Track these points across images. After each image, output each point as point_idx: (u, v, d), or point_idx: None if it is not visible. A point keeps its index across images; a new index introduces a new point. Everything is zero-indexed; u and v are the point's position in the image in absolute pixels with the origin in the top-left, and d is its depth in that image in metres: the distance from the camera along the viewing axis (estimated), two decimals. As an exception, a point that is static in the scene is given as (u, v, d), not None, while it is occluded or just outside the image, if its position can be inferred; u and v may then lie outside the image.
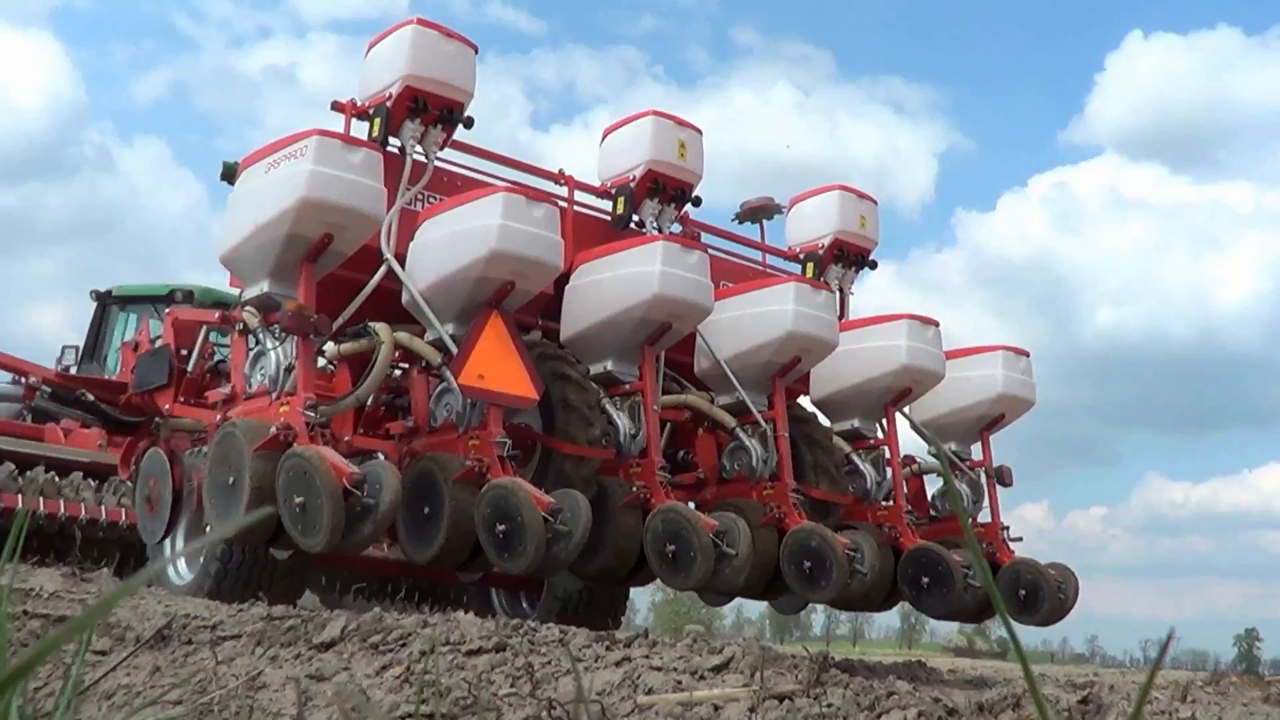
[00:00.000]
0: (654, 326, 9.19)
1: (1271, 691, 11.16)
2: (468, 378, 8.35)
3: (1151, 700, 7.71)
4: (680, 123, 10.42)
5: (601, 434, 9.02)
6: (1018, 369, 11.13)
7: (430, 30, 9.32)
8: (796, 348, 9.72)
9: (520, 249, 8.44)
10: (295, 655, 5.53)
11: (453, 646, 5.25)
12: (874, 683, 4.58)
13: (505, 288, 8.54)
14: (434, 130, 9.33)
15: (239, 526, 7.82)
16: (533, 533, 7.78)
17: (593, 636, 5.53)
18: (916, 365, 10.35)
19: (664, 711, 4.23)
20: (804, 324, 9.67)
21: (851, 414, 10.73)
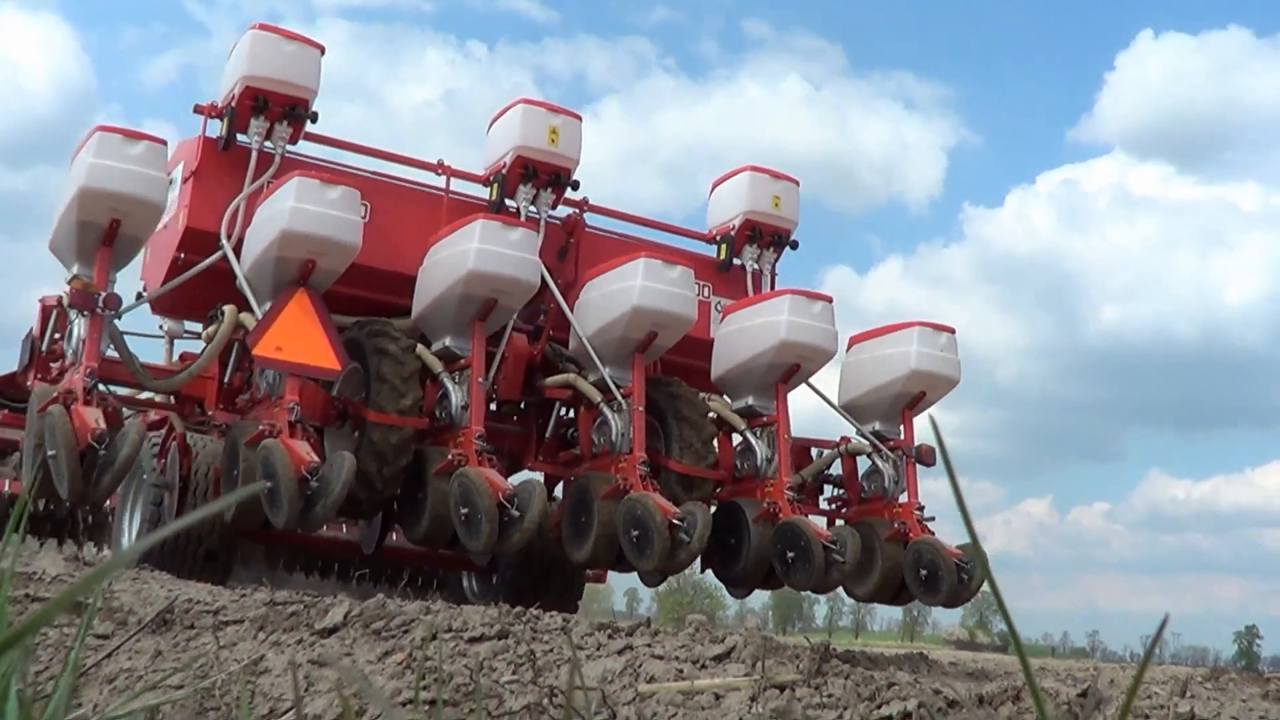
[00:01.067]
0: (477, 303, 9.58)
1: (1270, 688, 11.16)
2: (264, 348, 8.91)
3: (1150, 695, 7.72)
4: (553, 109, 10.73)
5: (415, 404, 9.40)
6: (935, 345, 11.12)
7: (270, 34, 9.95)
8: (649, 323, 9.97)
9: (314, 229, 9.07)
10: (297, 640, 5.54)
11: (455, 633, 5.26)
12: (875, 673, 4.59)
13: (306, 266, 9.13)
14: (280, 126, 9.99)
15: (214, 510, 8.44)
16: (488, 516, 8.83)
17: (595, 624, 5.54)
18: (799, 341, 10.51)
19: (665, 700, 4.24)
20: (654, 299, 9.89)
21: (745, 392, 10.86)
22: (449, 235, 9.79)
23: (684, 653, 4.77)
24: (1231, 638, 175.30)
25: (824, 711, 4.12)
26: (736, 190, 11.94)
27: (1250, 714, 7.33)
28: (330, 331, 9.18)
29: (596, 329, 10.17)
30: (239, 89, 10.00)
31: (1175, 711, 4.76)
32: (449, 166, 11.09)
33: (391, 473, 9.47)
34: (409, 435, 9.48)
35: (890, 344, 11.18)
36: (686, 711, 4.16)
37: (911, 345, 11.01)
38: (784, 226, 11.90)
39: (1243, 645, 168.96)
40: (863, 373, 11.25)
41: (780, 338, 10.42)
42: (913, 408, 11.13)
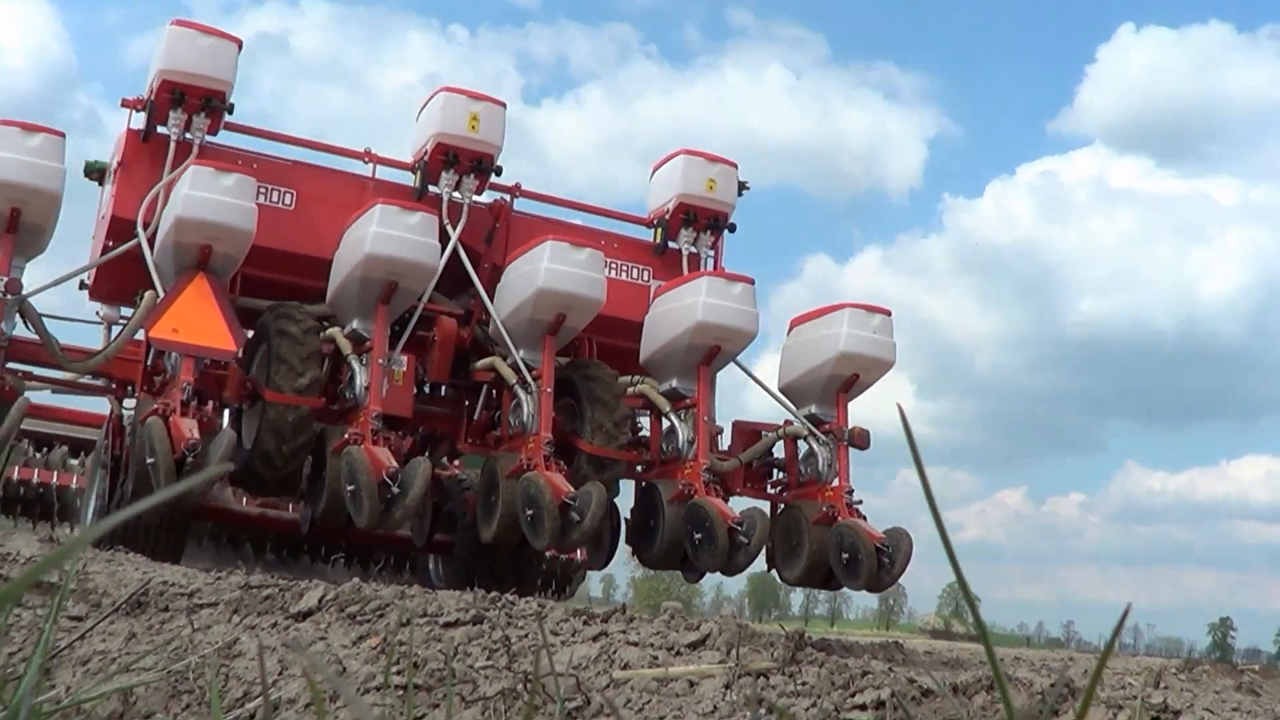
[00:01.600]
0: (377, 285, 9.85)
1: (1244, 680, 11.20)
2: (161, 330, 9.24)
3: (1124, 686, 7.73)
4: (475, 96, 10.84)
5: (313, 384, 9.68)
6: (867, 327, 11.09)
7: (187, 29, 10.31)
8: (557, 305, 10.11)
9: (207, 216, 9.41)
10: (272, 624, 5.53)
11: (430, 618, 5.26)
12: (849, 662, 4.59)
13: (204, 251, 9.43)
14: (198, 117, 10.29)
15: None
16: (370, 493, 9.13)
17: (570, 611, 5.55)
18: (716, 322, 10.58)
19: (639, 686, 4.23)
20: (560, 281, 10.04)
21: (669, 374, 10.94)
22: (354, 221, 10.06)
23: (659, 640, 4.77)
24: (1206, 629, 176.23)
25: (798, 700, 4.12)
26: (671, 174, 12.01)
27: (1223, 705, 7.36)
28: (228, 314, 9.44)
29: (509, 312, 10.34)
30: (157, 82, 10.33)
31: (1148, 702, 4.76)
32: (375, 154, 11.29)
33: (291, 450, 9.71)
34: (306, 414, 9.72)
35: (822, 326, 11.20)
36: (661, 698, 4.16)
37: (842, 327, 11.01)
38: (720, 209, 11.95)
39: (1217, 637, 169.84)
40: (798, 355, 11.31)
41: (697, 319, 10.51)
42: (847, 390, 11.13)
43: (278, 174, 10.80)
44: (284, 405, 9.61)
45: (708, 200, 11.87)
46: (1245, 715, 6.78)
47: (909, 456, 5.21)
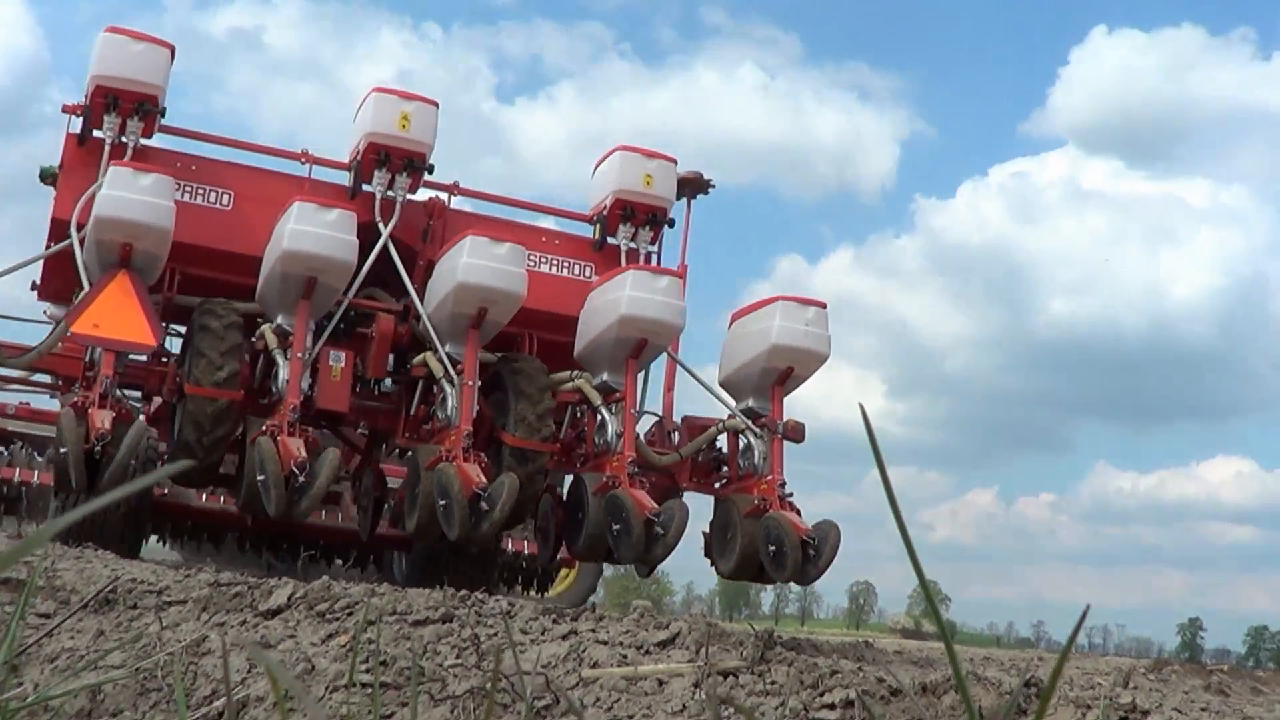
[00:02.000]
0: (296, 281, 10.02)
1: (1212, 680, 11.25)
2: (82, 326, 9.47)
3: (1093, 686, 7.75)
4: (407, 96, 11.03)
5: (230, 377, 9.90)
6: (800, 320, 11.08)
7: (118, 35, 10.54)
8: (476, 299, 10.20)
9: (124, 214, 9.65)
10: (241, 622, 5.52)
11: (399, 616, 5.26)
12: (818, 661, 4.60)
13: (124, 249, 9.68)
14: (132, 121, 10.51)
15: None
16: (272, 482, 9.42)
17: (540, 609, 5.54)
18: (641, 315, 10.55)
19: (609, 685, 4.24)
20: (478, 275, 10.13)
21: (600, 368, 10.94)
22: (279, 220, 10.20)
23: (628, 638, 4.77)
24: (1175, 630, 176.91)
25: (766, 699, 4.13)
26: (609, 170, 12.01)
27: (1192, 705, 7.37)
28: (148, 309, 9.68)
29: (434, 307, 10.48)
30: (91, 88, 10.52)
31: (1117, 702, 4.77)
32: (311, 155, 11.52)
33: (210, 441, 9.89)
34: (224, 406, 9.89)
35: (757, 320, 11.22)
36: (630, 697, 4.16)
37: (774, 320, 11.01)
38: (658, 205, 11.92)
39: (1186, 637, 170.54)
40: (735, 349, 11.36)
41: (621, 313, 10.53)
42: (782, 383, 11.14)
43: (214, 175, 11.02)
44: (202, 398, 9.82)
45: (644, 196, 11.85)
46: (1214, 715, 6.80)
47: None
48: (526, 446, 10.41)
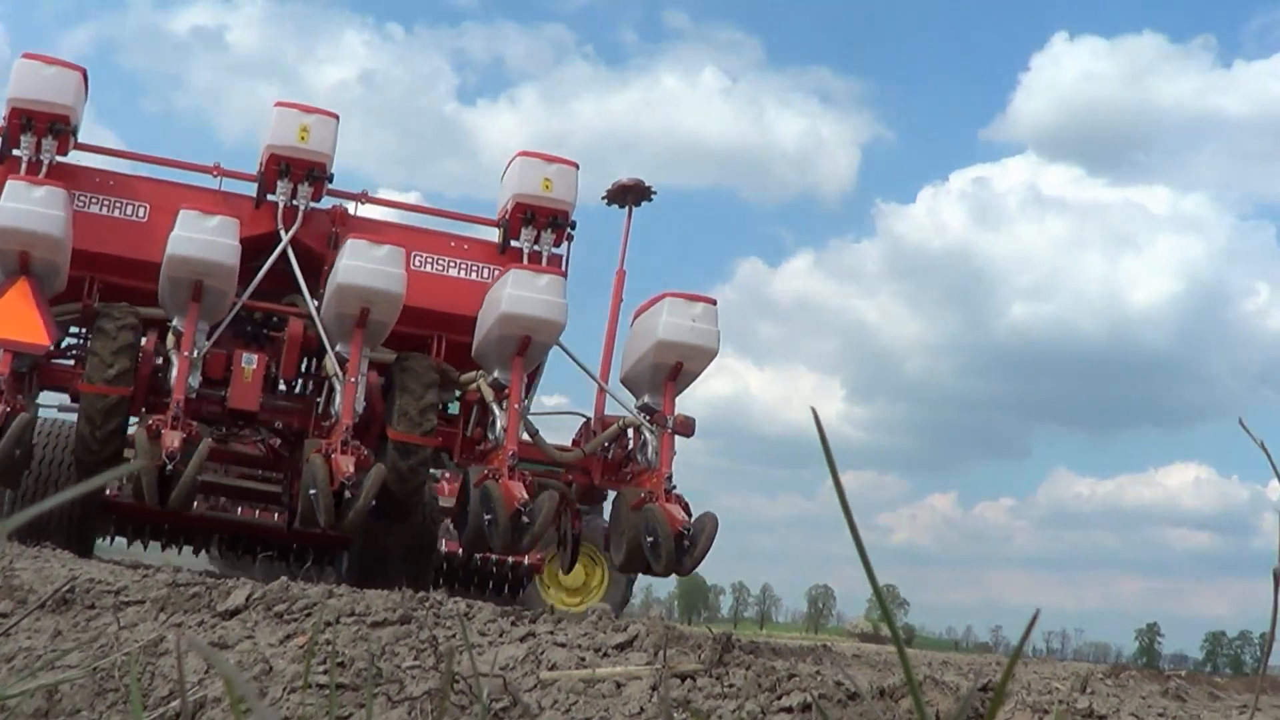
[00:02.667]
0: (183, 285, 10.65)
1: (1170, 685, 11.30)
2: None
3: (1051, 691, 7.78)
4: (307, 109, 11.71)
5: (120, 375, 10.48)
6: (687, 316, 11.41)
7: (32, 60, 11.32)
8: (357, 300, 10.69)
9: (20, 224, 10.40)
10: (199, 622, 5.51)
11: (357, 617, 5.25)
12: (776, 664, 4.61)
13: (22, 258, 10.42)
14: (47, 140, 11.22)
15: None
16: None
17: (498, 611, 5.55)
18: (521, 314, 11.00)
19: (566, 687, 4.24)
20: (357, 277, 10.66)
21: (491, 365, 11.39)
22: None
23: (586, 641, 4.77)
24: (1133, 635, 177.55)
25: (724, 701, 4.13)
26: (510, 176, 12.41)
27: (1149, 711, 7.40)
28: (45, 313, 10.45)
29: (325, 309, 11.07)
30: (8, 110, 11.25)
31: (1074, 707, 4.80)
32: (223, 168, 12.15)
33: (103, 435, 10.51)
34: (115, 402, 10.48)
35: (648, 317, 11.62)
36: (588, 699, 4.16)
37: (661, 317, 11.38)
38: (558, 208, 12.23)
39: (1144, 642, 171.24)
40: (631, 346, 11.84)
41: (501, 311, 10.93)
42: (674, 379, 11.45)
43: (130, 189, 11.74)
44: (94, 394, 10.43)
45: (544, 199, 12.17)
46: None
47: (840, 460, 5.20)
48: (407, 440, 10.85)
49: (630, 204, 14.17)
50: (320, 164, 11.62)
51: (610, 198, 14.37)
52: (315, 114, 11.59)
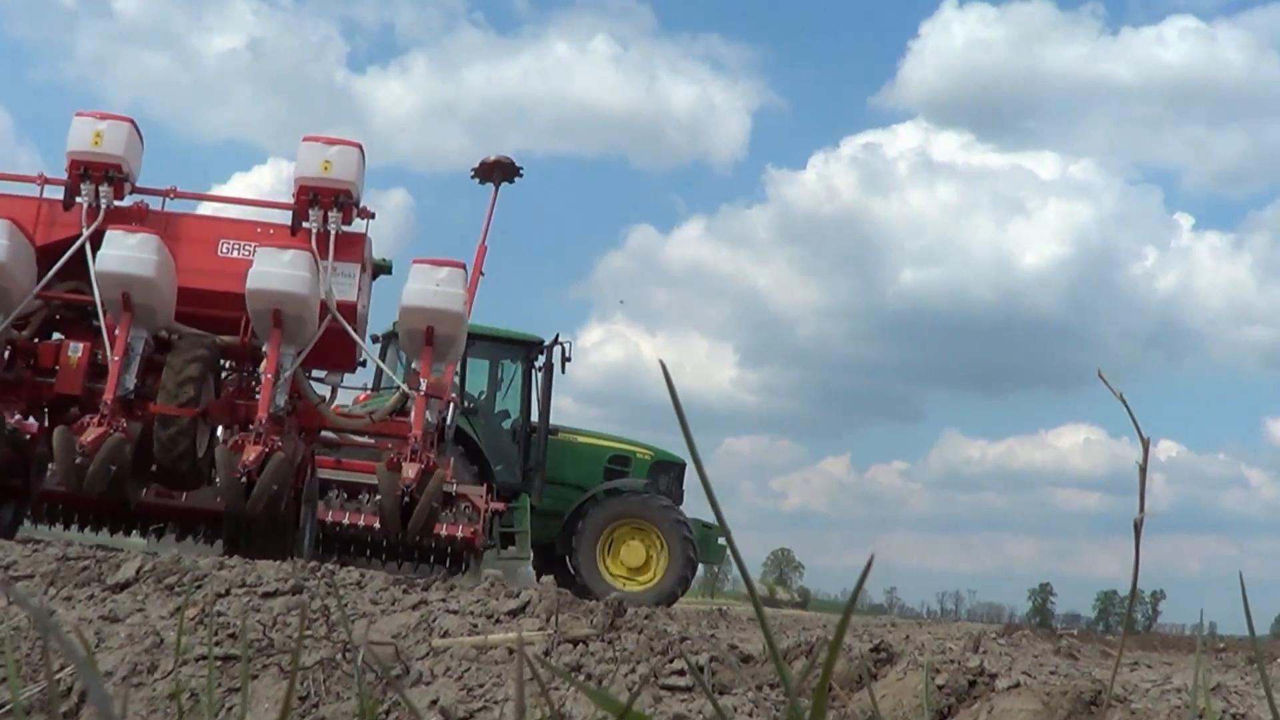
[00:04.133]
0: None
1: (1062, 644, 11.45)
2: None
3: (944, 650, 7.85)
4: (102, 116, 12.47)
5: None
6: (430, 281, 12.02)
7: None
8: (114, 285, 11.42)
9: None
10: (89, 596, 5.46)
11: (249, 588, 5.22)
12: (669, 628, 4.62)
13: None
14: None
15: None
16: None
17: (390, 579, 5.53)
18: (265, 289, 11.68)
19: (459, 654, 4.23)
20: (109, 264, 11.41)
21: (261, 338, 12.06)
22: None
23: (479, 608, 4.77)
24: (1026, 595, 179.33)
25: (617, 666, 4.14)
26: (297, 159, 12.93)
27: (1041, 669, 7.47)
28: None
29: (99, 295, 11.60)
30: None
31: (965, 665, 4.84)
32: (46, 176, 12.65)
33: None
34: None
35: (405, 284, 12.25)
36: (480, 666, 4.16)
37: (407, 283, 12.07)
38: (340, 188, 12.69)
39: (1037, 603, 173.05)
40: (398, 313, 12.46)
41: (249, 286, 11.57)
42: (430, 343, 12.03)
43: None
44: None
45: (324, 180, 12.62)
46: (1062, 678, 6.90)
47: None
48: (165, 411, 11.36)
49: (497, 181, 14.69)
50: (116, 165, 12.25)
51: (477, 174, 14.85)
52: (110, 120, 12.27)
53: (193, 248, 12.20)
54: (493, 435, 22.36)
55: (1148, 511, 1.63)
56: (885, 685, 4.82)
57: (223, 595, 5.18)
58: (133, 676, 4.40)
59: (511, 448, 22.48)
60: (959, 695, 4.62)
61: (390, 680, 3.29)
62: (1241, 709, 5.03)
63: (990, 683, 4.65)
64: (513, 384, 23.29)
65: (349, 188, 12.65)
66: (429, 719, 4.00)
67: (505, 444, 22.44)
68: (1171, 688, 6.99)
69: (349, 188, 12.65)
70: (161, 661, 4.42)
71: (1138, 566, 1.69)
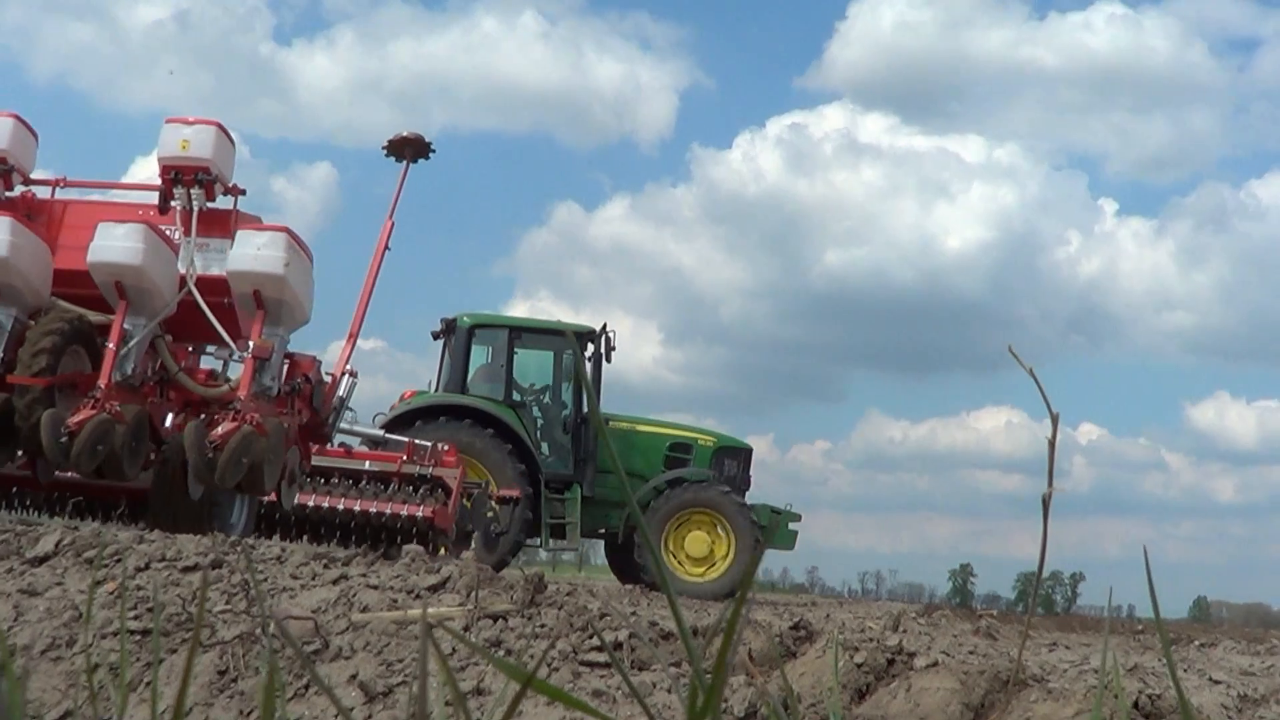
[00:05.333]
0: None
1: (981, 624, 11.54)
2: None
3: (864, 629, 7.90)
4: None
5: None
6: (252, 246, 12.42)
7: None
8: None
9: None
10: (8, 570, 5.43)
11: (169, 563, 5.20)
12: (590, 604, 4.63)
13: None
14: None
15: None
16: None
17: (311, 554, 5.52)
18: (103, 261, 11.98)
19: (378, 630, 4.23)
20: None
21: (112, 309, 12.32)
22: None
23: (399, 583, 4.77)
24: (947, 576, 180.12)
25: (537, 642, 4.15)
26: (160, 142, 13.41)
27: (960, 648, 7.54)
28: None
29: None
30: None
31: (884, 644, 4.87)
32: None
33: None
34: None
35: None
36: (400, 641, 4.16)
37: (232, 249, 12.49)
38: (197, 165, 13.09)
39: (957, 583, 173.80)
40: None
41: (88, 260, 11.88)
42: (262, 306, 12.33)
43: None
44: None
45: (183, 159, 13.02)
46: (981, 657, 6.96)
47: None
48: (19, 382, 11.63)
49: (408, 158, 15.01)
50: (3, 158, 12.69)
51: (389, 150, 15.08)
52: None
53: (77, 232, 12.37)
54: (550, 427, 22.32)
55: (1056, 487, 1.65)
56: (805, 663, 4.85)
57: (142, 569, 5.16)
58: (51, 650, 4.39)
59: (564, 438, 22.38)
60: (877, 674, 4.65)
61: (302, 657, 3.29)
62: (1158, 690, 5.09)
63: (909, 661, 4.68)
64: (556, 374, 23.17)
65: (207, 165, 12.99)
66: (349, 694, 4.00)
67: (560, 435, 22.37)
68: (1089, 668, 7.07)
69: (207, 165, 12.99)
70: (81, 635, 4.40)
71: (1045, 542, 1.72)
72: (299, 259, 12.54)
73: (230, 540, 5.87)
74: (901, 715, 4.31)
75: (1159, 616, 1.61)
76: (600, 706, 3.77)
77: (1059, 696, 4.25)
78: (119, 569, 5.15)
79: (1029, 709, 4.20)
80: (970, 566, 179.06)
